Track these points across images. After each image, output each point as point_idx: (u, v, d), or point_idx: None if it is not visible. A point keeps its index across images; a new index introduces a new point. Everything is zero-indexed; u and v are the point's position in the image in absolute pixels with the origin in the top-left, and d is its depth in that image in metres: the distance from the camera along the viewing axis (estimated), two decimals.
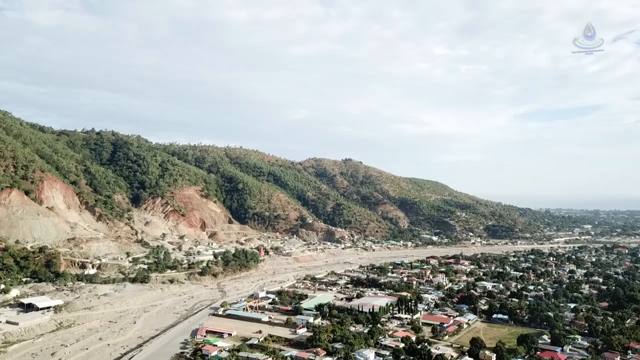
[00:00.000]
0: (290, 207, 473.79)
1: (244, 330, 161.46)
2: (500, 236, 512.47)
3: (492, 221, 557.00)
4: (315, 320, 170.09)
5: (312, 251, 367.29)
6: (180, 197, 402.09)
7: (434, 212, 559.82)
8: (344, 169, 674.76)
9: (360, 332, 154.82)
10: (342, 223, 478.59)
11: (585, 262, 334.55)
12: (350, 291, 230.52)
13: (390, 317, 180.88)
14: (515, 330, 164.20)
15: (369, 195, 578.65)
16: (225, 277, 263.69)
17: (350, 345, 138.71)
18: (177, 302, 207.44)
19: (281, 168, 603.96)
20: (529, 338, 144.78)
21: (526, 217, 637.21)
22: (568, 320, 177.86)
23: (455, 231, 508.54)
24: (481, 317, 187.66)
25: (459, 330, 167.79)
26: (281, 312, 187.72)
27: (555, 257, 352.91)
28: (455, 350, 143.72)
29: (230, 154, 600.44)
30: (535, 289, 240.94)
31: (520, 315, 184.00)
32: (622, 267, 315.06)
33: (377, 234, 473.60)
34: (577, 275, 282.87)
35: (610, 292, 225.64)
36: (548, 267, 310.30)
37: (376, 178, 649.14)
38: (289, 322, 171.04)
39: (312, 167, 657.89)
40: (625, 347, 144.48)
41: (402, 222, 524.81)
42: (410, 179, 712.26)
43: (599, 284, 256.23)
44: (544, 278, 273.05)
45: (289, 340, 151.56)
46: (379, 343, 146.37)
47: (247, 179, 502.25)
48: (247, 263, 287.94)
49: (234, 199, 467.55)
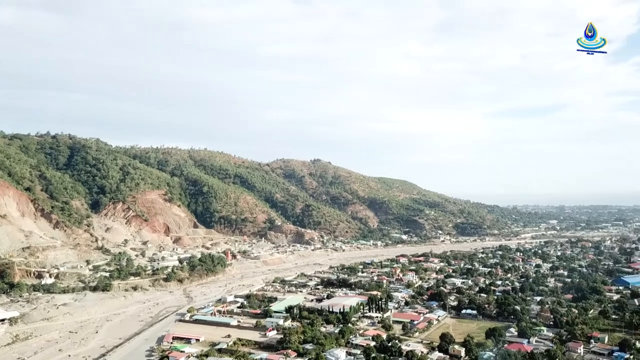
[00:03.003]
0: (258, 210, 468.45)
1: (213, 335, 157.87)
2: (469, 233, 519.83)
3: (460, 219, 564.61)
4: (286, 322, 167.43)
5: (281, 254, 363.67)
6: (143, 202, 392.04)
7: (403, 211, 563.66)
8: (312, 169, 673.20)
9: (331, 332, 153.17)
10: (311, 224, 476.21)
11: (551, 256, 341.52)
12: (320, 292, 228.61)
13: (361, 316, 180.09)
14: (483, 325, 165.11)
15: (338, 196, 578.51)
16: (192, 282, 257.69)
17: (321, 345, 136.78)
18: (141, 309, 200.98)
19: (248, 170, 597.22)
20: (496, 331, 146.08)
21: (494, 214, 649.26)
22: (534, 313, 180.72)
23: (424, 229, 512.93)
24: (451, 313, 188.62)
25: (429, 326, 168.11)
26: (250, 315, 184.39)
27: (522, 253, 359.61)
28: (425, 346, 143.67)
29: (195, 156, 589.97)
30: (502, 283, 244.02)
31: (489, 309, 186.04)
32: (585, 260, 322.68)
33: (347, 234, 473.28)
34: (543, 269, 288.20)
35: (574, 285, 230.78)
36: (515, 262, 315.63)
37: (345, 178, 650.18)
38: (258, 325, 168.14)
39: (280, 169, 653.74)
40: (588, 336, 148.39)
41: (371, 221, 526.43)
42: (380, 178, 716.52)
43: (564, 277, 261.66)
44: (512, 273, 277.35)
45: (259, 343, 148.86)
46: (350, 342, 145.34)
47: (212, 182, 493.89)
48: (214, 268, 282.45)
49: (199, 203, 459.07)
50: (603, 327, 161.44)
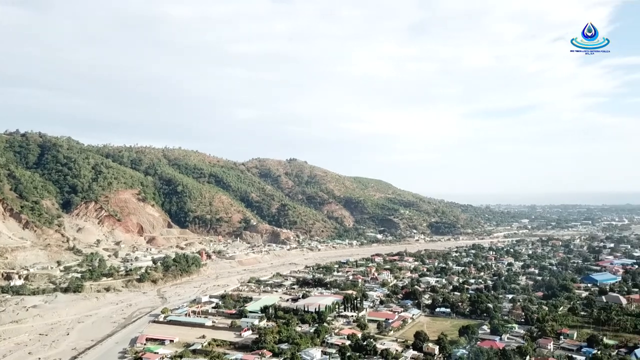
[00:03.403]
0: (233, 209, 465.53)
1: (187, 336, 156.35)
2: (443, 232, 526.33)
3: (435, 218, 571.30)
4: (261, 322, 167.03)
5: (257, 253, 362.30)
6: (116, 202, 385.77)
7: (378, 210, 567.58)
8: (288, 169, 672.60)
9: (306, 332, 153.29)
10: (287, 224, 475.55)
11: (523, 254, 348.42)
12: (296, 292, 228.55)
13: (336, 315, 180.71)
14: (457, 323, 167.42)
15: (314, 195, 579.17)
16: (166, 283, 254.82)
17: (296, 345, 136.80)
18: (114, 310, 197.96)
19: (223, 169, 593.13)
20: (469, 329, 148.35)
21: (468, 214, 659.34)
22: (506, 311, 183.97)
23: (399, 229, 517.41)
24: (425, 311, 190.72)
25: (403, 325, 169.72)
26: (225, 315, 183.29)
27: (494, 251, 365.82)
28: (400, 344, 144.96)
29: (169, 155, 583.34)
30: (476, 282, 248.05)
31: (462, 307, 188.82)
32: (556, 258, 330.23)
33: (323, 233, 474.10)
34: (514, 267, 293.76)
35: (544, 282, 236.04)
36: (488, 260, 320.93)
37: (321, 178, 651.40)
38: (233, 325, 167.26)
39: (255, 168, 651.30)
40: (558, 333, 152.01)
41: (347, 221, 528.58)
42: (355, 178, 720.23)
43: (535, 275, 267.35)
44: (484, 271, 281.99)
45: (234, 344, 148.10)
46: (325, 342, 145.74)
47: (187, 181, 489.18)
48: (189, 268, 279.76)
49: (174, 202, 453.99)
50: (572, 324, 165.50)
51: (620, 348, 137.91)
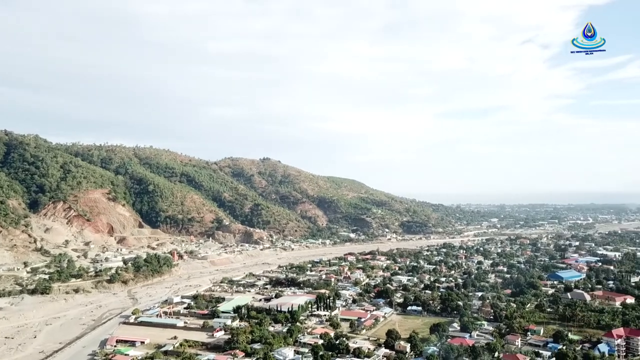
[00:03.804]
0: (206, 209, 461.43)
1: (158, 337, 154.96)
2: (415, 231, 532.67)
3: (407, 217, 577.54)
4: (233, 323, 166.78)
5: (230, 254, 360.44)
6: (85, 201, 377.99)
7: (351, 209, 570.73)
8: (262, 168, 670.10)
9: (279, 332, 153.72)
10: (260, 224, 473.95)
11: (492, 253, 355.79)
12: (269, 291, 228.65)
13: (309, 314, 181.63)
14: (428, 321, 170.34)
15: (287, 195, 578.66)
16: (137, 283, 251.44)
17: (269, 345, 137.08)
18: (83, 312, 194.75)
19: (195, 168, 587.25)
20: (440, 327, 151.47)
21: (439, 213, 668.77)
22: (476, 308, 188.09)
23: (372, 228, 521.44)
24: (397, 309, 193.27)
25: (375, 323, 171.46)
26: (198, 316, 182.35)
27: (465, 250, 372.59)
28: (372, 343, 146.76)
29: (140, 154, 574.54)
30: (446, 280, 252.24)
31: (433, 306, 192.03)
32: (524, 256, 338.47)
33: (296, 233, 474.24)
34: (484, 265, 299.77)
35: (513, 280, 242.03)
36: (458, 259, 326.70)
37: (295, 177, 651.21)
38: (205, 325, 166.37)
39: (228, 167, 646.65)
40: (525, 329, 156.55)
41: (320, 220, 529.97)
42: (329, 177, 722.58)
43: (504, 273, 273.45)
44: (455, 270, 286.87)
45: (206, 344, 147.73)
46: (298, 341, 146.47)
47: (158, 181, 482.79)
48: (160, 268, 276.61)
49: (145, 202, 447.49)
50: (539, 320, 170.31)
51: (584, 343, 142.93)
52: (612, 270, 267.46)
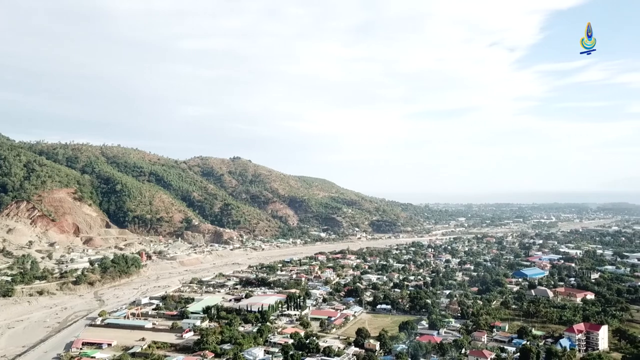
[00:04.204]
0: (175, 209, 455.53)
1: (126, 339, 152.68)
2: (384, 230, 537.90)
3: (376, 216, 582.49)
4: (203, 323, 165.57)
5: (199, 254, 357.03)
6: (50, 201, 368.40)
7: (322, 209, 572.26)
8: (232, 167, 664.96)
9: (249, 332, 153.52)
10: (230, 224, 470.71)
11: (459, 251, 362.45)
12: (239, 292, 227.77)
13: (279, 314, 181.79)
14: (397, 319, 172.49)
15: (258, 194, 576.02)
16: (104, 285, 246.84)
17: (239, 345, 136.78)
18: (48, 314, 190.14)
19: (164, 167, 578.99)
20: (409, 325, 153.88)
21: (408, 212, 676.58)
22: (444, 306, 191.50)
23: (342, 227, 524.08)
24: (366, 308, 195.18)
25: (345, 322, 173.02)
26: (166, 317, 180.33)
27: (433, 249, 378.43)
28: (342, 341, 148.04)
29: (107, 153, 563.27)
30: (415, 278, 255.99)
31: (402, 304, 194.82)
32: (490, 254, 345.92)
33: (267, 233, 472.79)
34: (452, 264, 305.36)
35: (479, 278, 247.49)
36: (427, 257, 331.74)
37: (266, 177, 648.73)
38: (174, 327, 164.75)
39: (198, 166, 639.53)
40: (491, 325, 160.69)
41: (291, 220, 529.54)
42: (300, 177, 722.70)
43: (471, 271, 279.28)
44: (423, 268, 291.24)
45: (175, 346, 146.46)
46: (269, 341, 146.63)
47: (126, 180, 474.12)
48: (128, 269, 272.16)
49: (112, 202, 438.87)
50: (504, 317, 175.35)
51: (547, 338, 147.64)
52: (573, 268, 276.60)
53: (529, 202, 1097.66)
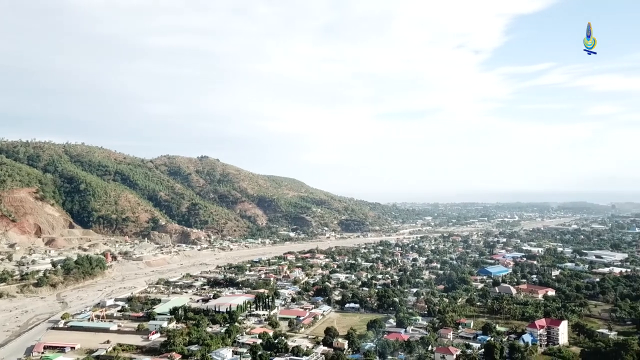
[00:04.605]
0: (141, 209, 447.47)
1: (90, 342, 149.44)
2: (353, 229, 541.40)
3: (345, 216, 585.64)
4: (170, 325, 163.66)
5: (166, 254, 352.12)
6: (10, 200, 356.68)
7: (291, 208, 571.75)
8: (200, 167, 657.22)
9: (217, 332, 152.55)
10: (198, 224, 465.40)
11: (426, 250, 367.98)
12: (207, 292, 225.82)
13: (248, 314, 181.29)
14: (365, 317, 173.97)
15: (226, 194, 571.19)
16: (67, 286, 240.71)
17: (207, 346, 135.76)
18: (7, 318, 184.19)
19: (130, 166, 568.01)
20: (377, 323, 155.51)
21: (376, 211, 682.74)
22: (411, 304, 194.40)
23: (311, 226, 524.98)
24: (335, 307, 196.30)
25: (314, 321, 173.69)
26: (132, 319, 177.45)
27: (400, 247, 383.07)
28: (310, 341, 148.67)
29: (71, 152, 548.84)
30: (383, 277, 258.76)
31: (370, 302, 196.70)
32: (456, 253, 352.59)
33: (235, 232, 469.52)
34: (419, 262, 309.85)
35: (445, 276, 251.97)
36: (394, 256, 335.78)
37: (234, 176, 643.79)
38: (140, 328, 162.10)
39: (164, 165, 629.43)
40: (457, 322, 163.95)
41: (260, 219, 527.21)
42: (269, 176, 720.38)
43: (437, 269, 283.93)
44: (391, 267, 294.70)
45: (141, 348, 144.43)
46: (237, 341, 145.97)
47: (90, 179, 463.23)
48: (92, 270, 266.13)
49: (76, 201, 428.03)
50: (470, 314, 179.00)
51: (510, 334, 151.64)
52: (535, 265, 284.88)
53: (493, 202, 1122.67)
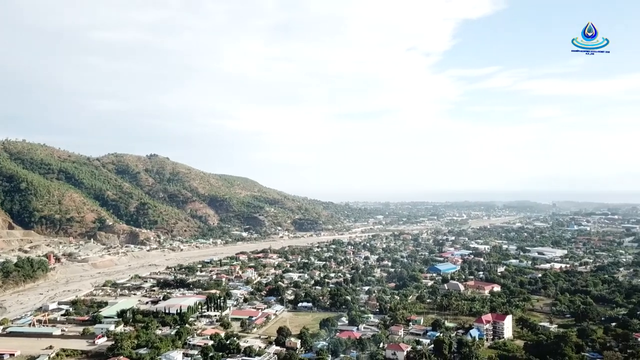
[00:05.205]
0: (87, 209, 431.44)
1: (31, 348, 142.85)
2: (306, 229, 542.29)
3: (298, 215, 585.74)
4: (117, 328, 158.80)
5: (113, 255, 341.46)
6: None
7: (244, 208, 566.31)
8: (149, 165, 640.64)
9: (167, 335, 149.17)
10: (147, 224, 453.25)
11: (378, 248, 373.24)
12: (156, 294, 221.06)
13: (199, 316, 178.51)
14: (318, 316, 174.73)
15: (177, 193, 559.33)
16: (6, 290, 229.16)
17: (156, 349, 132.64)
18: None
19: (75, 165, 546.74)
20: (329, 321, 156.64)
21: (329, 210, 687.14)
22: (363, 302, 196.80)
23: (264, 226, 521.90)
24: (288, 306, 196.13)
25: (267, 321, 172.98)
26: (77, 323, 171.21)
27: (353, 246, 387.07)
28: (263, 341, 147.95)
29: (11, 149, 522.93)
30: (336, 276, 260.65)
31: (323, 301, 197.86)
32: (406, 251, 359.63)
33: (186, 233, 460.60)
34: (370, 260, 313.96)
35: (397, 274, 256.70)
36: (347, 255, 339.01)
37: (185, 175, 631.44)
38: (86, 332, 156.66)
39: (112, 164, 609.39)
40: (407, 319, 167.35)
41: (211, 219, 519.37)
42: (221, 175, 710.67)
43: (389, 267, 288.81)
44: (344, 265, 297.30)
45: (86, 352, 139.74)
46: (188, 343, 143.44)
47: (32, 177, 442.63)
48: (34, 273, 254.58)
49: (16, 201, 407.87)
50: (420, 311, 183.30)
51: (458, 329, 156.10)
52: (482, 262, 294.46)
53: (442, 201, 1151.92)
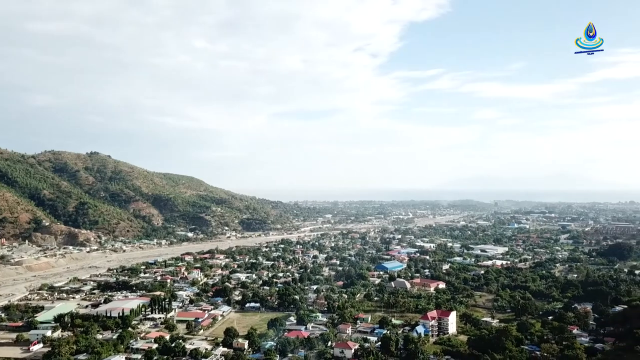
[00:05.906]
0: (21, 208, 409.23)
1: None
2: (255, 228, 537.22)
3: (246, 214, 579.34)
4: (54, 333, 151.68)
5: (50, 257, 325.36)
6: None
7: (189, 208, 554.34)
8: (89, 163, 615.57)
9: (108, 339, 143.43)
10: (87, 224, 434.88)
11: (326, 247, 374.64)
12: (97, 297, 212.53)
13: (142, 318, 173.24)
14: (266, 316, 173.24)
15: (119, 193, 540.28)
16: None
17: (97, 354, 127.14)
18: None
19: (8, 162, 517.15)
20: (277, 321, 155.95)
21: (278, 210, 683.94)
22: (311, 301, 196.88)
23: (211, 226, 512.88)
24: (235, 307, 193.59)
25: (214, 322, 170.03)
26: (10, 329, 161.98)
27: (301, 245, 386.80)
28: (210, 342, 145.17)
29: None
30: (284, 275, 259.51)
31: (271, 301, 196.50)
32: (354, 249, 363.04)
33: (129, 233, 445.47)
34: (319, 259, 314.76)
35: (345, 272, 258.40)
36: (295, 254, 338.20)
37: (127, 174, 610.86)
38: (20, 339, 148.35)
39: (49, 162, 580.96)
40: (355, 317, 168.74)
41: (156, 219, 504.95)
42: (165, 174, 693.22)
43: (337, 265, 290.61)
44: (292, 265, 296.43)
45: None
46: (130, 347, 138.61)
47: None
48: None
49: None
50: (367, 309, 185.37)
51: (405, 326, 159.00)
52: (428, 260, 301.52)
53: (389, 200, 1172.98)
